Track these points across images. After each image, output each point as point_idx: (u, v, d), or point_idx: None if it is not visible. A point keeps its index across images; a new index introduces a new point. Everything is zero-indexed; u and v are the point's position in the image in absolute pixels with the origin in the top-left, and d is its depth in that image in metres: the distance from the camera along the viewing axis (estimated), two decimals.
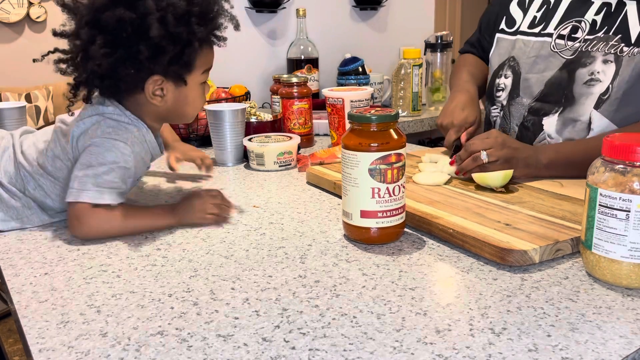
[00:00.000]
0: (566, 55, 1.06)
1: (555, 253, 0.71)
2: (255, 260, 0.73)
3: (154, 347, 0.54)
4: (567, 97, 1.05)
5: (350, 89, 1.36)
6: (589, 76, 1.02)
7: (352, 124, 0.76)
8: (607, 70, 1.00)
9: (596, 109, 1.01)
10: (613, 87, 0.99)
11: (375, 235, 0.76)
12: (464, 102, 1.19)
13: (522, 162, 0.97)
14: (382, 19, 2.42)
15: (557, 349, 0.52)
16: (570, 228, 0.75)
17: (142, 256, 0.75)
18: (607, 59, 1.00)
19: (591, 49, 1.02)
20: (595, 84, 1.01)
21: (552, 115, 1.07)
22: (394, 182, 0.74)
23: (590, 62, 1.02)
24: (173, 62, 0.82)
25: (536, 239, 0.72)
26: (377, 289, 0.64)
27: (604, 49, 1.00)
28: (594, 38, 1.02)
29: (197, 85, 0.88)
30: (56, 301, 0.63)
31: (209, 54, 0.89)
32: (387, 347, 0.53)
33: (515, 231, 0.75)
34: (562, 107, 1.06)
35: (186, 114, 0.89)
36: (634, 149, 0.60)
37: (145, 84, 0.83)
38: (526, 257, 0.69)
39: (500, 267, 0.70)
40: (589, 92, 1.02)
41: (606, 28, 1.02)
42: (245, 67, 2.10)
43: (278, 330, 0.56)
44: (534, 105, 1.10)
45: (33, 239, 0.83)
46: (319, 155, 1.21)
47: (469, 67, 1.32)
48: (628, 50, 0.98)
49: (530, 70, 1.11)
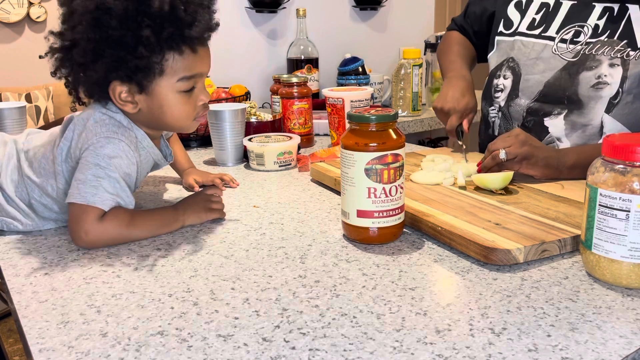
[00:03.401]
0: (567, 57, 1.06)
1: (541, 254, 0.71)
2: (255, 260, 0.73)
3: (154, 347, 0.54)
4: (571, 99, 1.05)
5: (350, 89, 1.36)
6: (596, 79, 1.02)
7: (351, 123, 0.76)
8: (615, 74, 1.00)
9: (607, 112, 1.01)
10: (623, 91, 0.99)
11: (373, 235, 0.76)
12: (463, 88, 1.19)
13: (542, 161, 0.96)
14: (382, 19, 2.42)
15: (557, 349, 0.52)
16: (560, 229, 0.75)
17: (142, 256, 0.75)
18: (614, 62, 1.00)
19: (595, 52, 1.02)
20: (604, 87, 1.01)
21: (555, 117, 1.07)
22: (391, 183, 0.74)
23: (596, 65, 1.02)
24: (123, 68, 0.76)
25: (522, 239, 0.72)
26: (377, 289, 0.64)
27: (610, 52, 1.00)
28: (597, 41, 1.03)
29: (173, 93, 0.80)
30: (56, 301, 0.63)
31: (186, 60, 0.80)
32: (387, 347, 0.53)
33: (503, 231, 0.75)
34: (566, 109, 1.06)
35: (167, 123, 0.83)
36: (634, 149, 0.60)
37: (108, 90, 0.79)
38: (510, 257, 0.69)
39: (500, 267, 0.70)
40: (598, 96, 1.02)
41: (609, 32, 1.02)
42: (245, 67, 2.10)
43: (278, 330, 0.56)
44: (533, 106, 1.11)
45: (33, 239, 0.83)
46: (319, 155, 1.21)
47: (458, 48, 1.33)
48: (634, 54, 0.98)
49: (530, 71, 1.11)
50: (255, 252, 0.76)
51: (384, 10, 2.40)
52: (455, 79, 1.23)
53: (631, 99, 0.99)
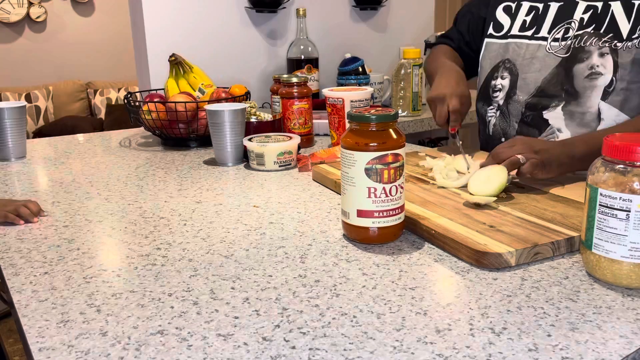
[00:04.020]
0: (561, 54, 1.08)
1: (533, 256, 0.71)
2: (255, 259, 0.73)
3: (154, 347, 0.54)
4: (567, 92, 1.07)
5: (350, 89, 1.36)
6: (589, 70, 1.04)
7: (351, 123, 0.76)
8: (606, 63, 1.03)
9: (603, 100, 1.04)
10: (617, 79, 1.01)
11: (373, 235, 0.76)
12: (457, 78, 1.18)
13: (555, 162, 0.94)
14: (382, 19, 2.42)
15: (557, 349, 0.52)
16: (555, 231, 0.75)
17: (142, 255, 0.75)
18: (603, 51, 1.03)
19: (584, 43, 1.05)
20: (598, 77, 1.03)
21: (554, 109, 1.09)
22: (391, 182, 0.74)
23: (587, 57, 1.05)
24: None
25: (515, 242, 0.71)
26: (377, 289, 0.64)
27: (597, 43, 1.03)
28: (583, 33, 1.06)
29: None
30: (56, 300, 0.63)
31: None
32: (387, 346, 0.53)
33: (496, 233, 0.74)
34: (563, 100, 1.08)
35: None
36: (634, 149, 0.60)
37: None
38: (501, 260, 0.69)
39: (500, 268, 0.70)
40: (593, 85, 1.04)
41: (594, 25, 1.05)
42: (245, 67, 2.10)
43: (278, 329, 0.56)
44: (531, 101, 1.12)
45: (33, 238, 0.83)
46: (319, 155, 1.21)
47: (447, 57, 1.33)
48: (622, 45, 1.01)
49: (527, 70, 1.14)
50: (255, 251, 0.76)
51: (384, 10, 2.40)
52: (447, 71, 1.22)
53: (625, 85, 1.01)
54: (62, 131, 3.55)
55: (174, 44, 1.89)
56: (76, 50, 4.49)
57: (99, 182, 1.13)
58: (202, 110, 1.40)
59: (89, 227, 0.87)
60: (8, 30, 2.33)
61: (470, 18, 1.33)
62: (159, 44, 1.89)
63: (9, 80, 3.54)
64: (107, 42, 4.66)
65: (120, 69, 4.69)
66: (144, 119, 1.41)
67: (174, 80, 1.57)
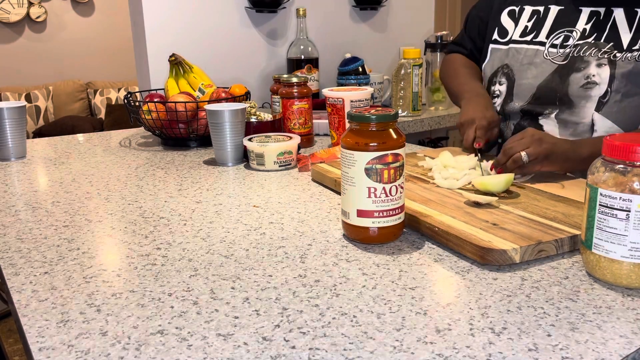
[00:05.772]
0: (558, 61, 1.08)
1: (537, 254, 0.71)
2: (255, 259, 0.73)
3: (154, 346, 0.54)
4: (562, 100, 1.07)
5: (350, 89, 1.36)
6: (585, 80, 1.04)
7: (351, 123, 0.76)
8: (602, 73, 1.02)
9: (597, 111, 1.04)
10: (612, 90, 1.01)
11: (373, 234, 0.76)
12: (484, 104, 1.16)
13: (562, 156, 0.96)
14: (382, 19, 2.42)
15: (557, 349, 0.52)
16: (558, 229, 0.75)
17: (142, 255, 0.75)
18: (601, 62, 1.03)
19: (583, 53, 1.05)
20: (593, 87, 1.03)
21: (547, 116, 1.09)
22: (391, 182, 0.74)
23: (584, 66, 1.05)
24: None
25: (519, 239, 0.71)
26: (377, 289, 0.64)
27: (597, 54, 1.03)
28: (584, 43, 1.05)
29: None
30: (56, 300, 0.63)
31: None
32: (387, 346, 0.53)
33: (500, 231, 0.75)
34: (557, 109, 1.08)
35: None
36: (634, 149, 0.60)
37: None
38: (505, 257, 0.69)
39: (500, 267, 0.70)
40: (588, 95, 1.04)
41: (596, 35, 1.04)
42: (245, 67, 2.10)
43: (278, 329, 0.56)
44: (526, 108, 1.13)
45: (33, 238, 0.83)
46: (319, 155, 1.21)
47: (468, 70, 1.32)
48: (621, 56, 1.01)
49: (523, 76, 1.14)
50: (255, 251, 0.76)
51: (384, 10, 2.40)
52: (474, 97, 1.20)
53: (619, 97, 1.01)
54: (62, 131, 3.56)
55: (174, 44, 1.89)
56: (76, 50, 4.50)
57: (99, 182, 1.13)
58: (202, 110, 1.40)
59: (89, 227, 0.87)
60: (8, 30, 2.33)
61: (479, 23, 1.31)
62: (159, 44, 1.89)
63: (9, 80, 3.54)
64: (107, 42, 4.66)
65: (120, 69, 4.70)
66: (144, 118, 1.41)
67: (174, 80, 1.57)
